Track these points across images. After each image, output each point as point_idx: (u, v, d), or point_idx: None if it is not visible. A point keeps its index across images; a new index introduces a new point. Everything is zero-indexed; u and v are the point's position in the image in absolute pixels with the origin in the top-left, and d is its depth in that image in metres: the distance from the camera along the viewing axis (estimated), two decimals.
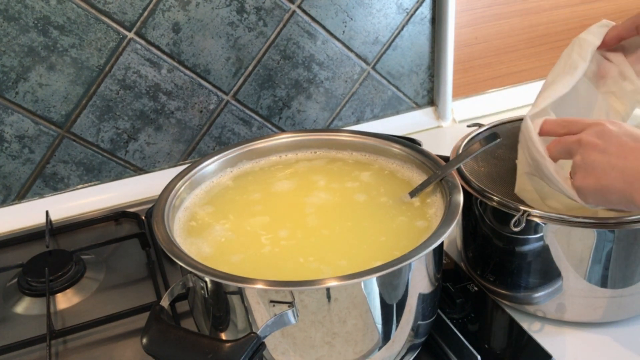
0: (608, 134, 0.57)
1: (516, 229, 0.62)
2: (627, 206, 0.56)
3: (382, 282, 0.53)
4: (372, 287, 0.53)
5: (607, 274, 0.64)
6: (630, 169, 0.54)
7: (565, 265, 0.64)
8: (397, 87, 1.10)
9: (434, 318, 0.62)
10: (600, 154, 0.56)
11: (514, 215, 0.63)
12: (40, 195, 0.93)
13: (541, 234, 0.63)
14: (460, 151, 0.74)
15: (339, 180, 0.70)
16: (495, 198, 0.65)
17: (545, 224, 0.62)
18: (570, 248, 0.63)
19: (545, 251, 0.64)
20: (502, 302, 0.70)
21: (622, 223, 0.60)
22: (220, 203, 0.67)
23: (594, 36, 0.68)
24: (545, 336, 0.67)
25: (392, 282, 0.54)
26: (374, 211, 0.64)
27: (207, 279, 0.53)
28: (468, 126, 0.79)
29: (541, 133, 0.62)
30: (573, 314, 0.67)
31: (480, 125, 0.78)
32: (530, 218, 0.62)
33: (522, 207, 0.63)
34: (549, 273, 0.65)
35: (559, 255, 0.64)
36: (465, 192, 0.63)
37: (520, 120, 0.79)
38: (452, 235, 0.75)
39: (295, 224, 0.63)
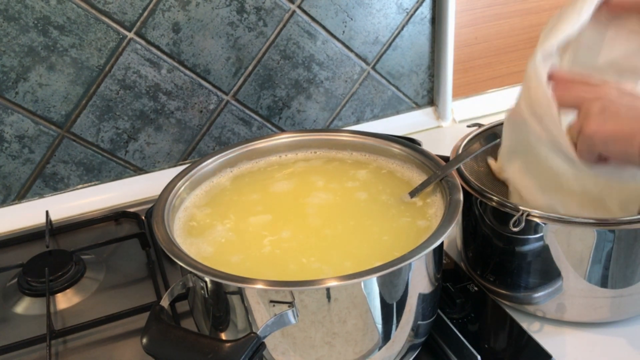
0: (633, 91, 0.54)
1: (515, 229, 0.62)
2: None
3: (382, 282, 0.53)
4: (372, 287, 0.53)
5: (607, 274, 0.64)
6: None
7: (565, 265, 0.64)
8: (397, 87, 1.10)
9: (434, 318, 0.62)
10: (626, 107, 0.53)
11: (514, 215, 0.63)
12: (40, 195, 0.93)
13: (541, 234, 0.63)
14: (460, 151, 0.74)
15: (339, 181, 0.70)
16: (494, 198, 0.65)
17: (545, 224, 0.62)
18: (570, 248, 0.63)
19: (545, 251, 0.64)
20: (502, 302, 0.70)
21: (622, 223, 0.60)
22: (221, 203, 0.67)
23: None
24: (545, 336, 0.67)
25: (392, 282, 0.54)
26: (374, 211, 0.64)
27: (207, 279, 0.53)
28: (468, 126, 0.78)
29: (552, 78, 0.57)
30: (573, 314, 0.67)
31: (480, 126, 0.78)
32: (530, 218, 0.62)
33: (521, 207, 0.63)
34: (549, 273, 0.65)
35: (558, 255, 0.64)
36: (465, 192, 0.63)
37: None
38: (452, 235, 0.76)
39: (297, 224, 0.63)
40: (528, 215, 0.62)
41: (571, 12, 0.60)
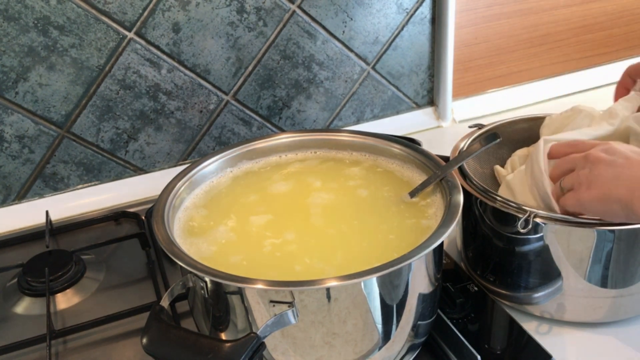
0: (614, 149, 0.59)
1: (523, 230, 0.62)
2: (627, 216, 0.57)
3: (382, 282, 0.53)
4: (372, 287, 0.53)
5: (607, 274, 0.64)
6: (635, 177, 0.56)
7: (565, 265, 0.64)
8: (397, 87, 1.10)
9: (434, 318, 0.62)
10: (606, 167, 0.58)
11: (516, 216, 0.63)
12: (40, 195, 0.93)
13: (541, 234, 0.63)
14: (460, 151, 0.74)
15: (339, 181, 0.70)
16: (499, 198, 0.65)
17: (545, 224, 0.62)
18: (570, 248, 0.63)
19: (545, 251, 0.64)
20: (502, 302, 0.70)
21: (622, 223, 0.60)
22: (221, 203, 0.67)
23: (623, 107, 0.71)
24: (545, 336, 0.67)
25: (392, 282, 0.54)
26: (375, 212, 0.64)
27: (207, 279, 0.53)
28: (470, 127, 0.78)
29: (550, 156, 0.65)
30: (573, 314, 0.67)
31: (481, 126, 0.78)
32: (519, 215, 0.62)
33: (527, 209, 0.63)
34: (549, 273, 0.65)
35: (559, 255, 0.64)
36: (465, 192, 0.63)
37: (521, 120, 0.79)
38: (452, 235, 0.75)
39: (298, 224, 0.63)
40: (535, 216, 0.62)
41: (578, 127, 0.72)
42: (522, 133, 0.78)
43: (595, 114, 0.73)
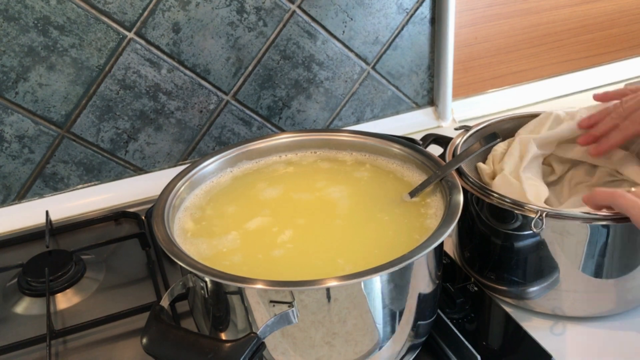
0: None
1: (537, 230, 0.61)
2: None
3: (382, 282, 0.53)
4: (372, 287, 0.53)
5: (604, 267, 0.64)
6: None
7: (563, 260, 0.64)
8: (397, 87, 1.10)
9: (434, 318, 0.62)
10: None
11: (513, 212, 0.63)
12: (40, 195, 0.93)
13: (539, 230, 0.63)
14: (457, 148, 0.73)
15: (339, 181, 0.70)
16: (507, 200, 0.65)
17: (541, 219, 0.62)
18: (566, 243, 0.63)
19: (543, 247, 0.64)
20: (501, 298, 0.70)
21: (617, 219, 0.60)
22: (220, 203, 0.67)
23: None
24: (545, 335, 0.67)
25: (392, 282, 0.54)
26: (375, 212, 0.64)
27: (207, 279, 0.53)
28: (455, 129, 0.79)
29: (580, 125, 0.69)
30: (572, 309, 0.67)
31: (468, 128, 0.79)
32: (527, 214, 0.62)
33: (536, 207, 0.62)
34: (547, 269, 0.65)
35: (555, 251, 0.64)
36: (464, 191, 0.63)
37: (511, 118, 0.80)
38: (451, 234, 0.76)
39: (298, 224, 0.63)
40: (546, 215, 0.62)
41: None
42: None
43: (561, 116, 0.74)
